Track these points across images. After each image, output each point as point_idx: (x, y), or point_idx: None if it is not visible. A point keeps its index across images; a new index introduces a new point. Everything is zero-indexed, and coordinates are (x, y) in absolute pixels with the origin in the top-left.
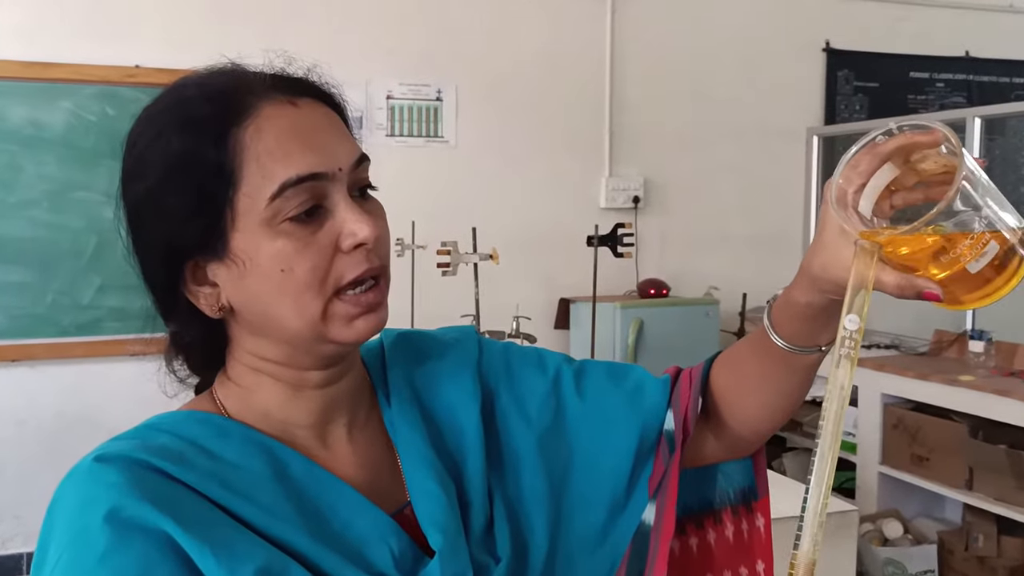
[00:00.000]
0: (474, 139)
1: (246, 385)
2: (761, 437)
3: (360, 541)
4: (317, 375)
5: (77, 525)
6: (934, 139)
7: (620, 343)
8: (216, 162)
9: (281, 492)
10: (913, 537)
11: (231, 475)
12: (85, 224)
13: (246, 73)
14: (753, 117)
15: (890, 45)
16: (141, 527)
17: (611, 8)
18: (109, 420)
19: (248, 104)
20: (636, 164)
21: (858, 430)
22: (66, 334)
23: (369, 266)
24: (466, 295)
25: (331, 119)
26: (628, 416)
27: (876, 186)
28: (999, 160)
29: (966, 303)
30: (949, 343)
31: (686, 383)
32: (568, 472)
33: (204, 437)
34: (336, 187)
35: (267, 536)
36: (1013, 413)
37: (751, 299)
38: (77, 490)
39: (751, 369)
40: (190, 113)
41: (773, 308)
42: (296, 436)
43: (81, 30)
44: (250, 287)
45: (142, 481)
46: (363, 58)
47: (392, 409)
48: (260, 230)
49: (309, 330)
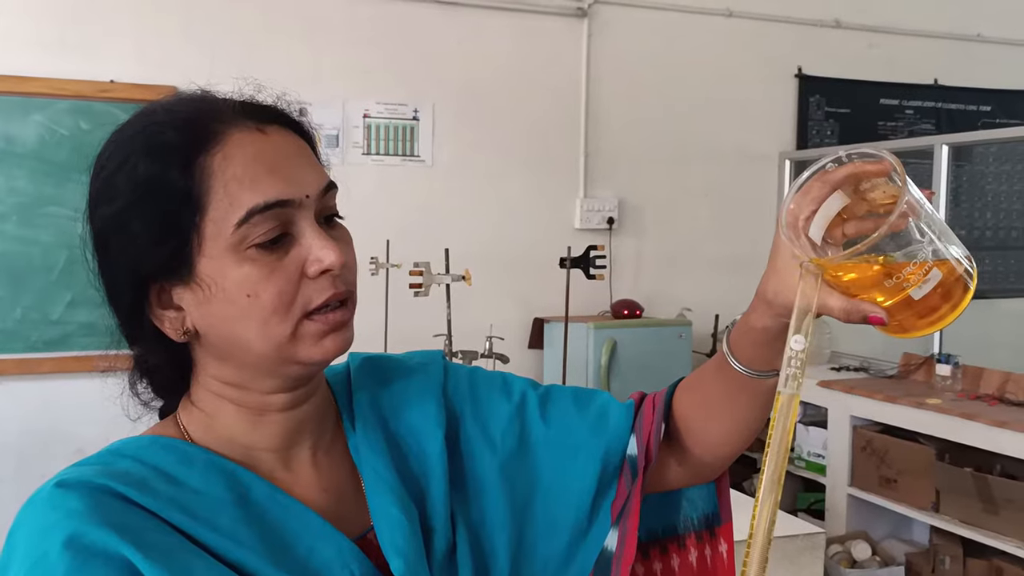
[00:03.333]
0: (450, 158)
1: (209, 411)
2: (724, 461)
3: (322, 566)
4: (281, 398)
5: (37, 551)
6: (882, 168)
7: (593, 363)
8: (183, 188)
9: (243, 518)
10: (881, 559)
11: (193, 501)
12: (56, 239)
13: (215, 100)
14: (727, 141)
15: (861, 72)
16: (102, 553)
17: (587, 32)
18: (78, 436)
19: (216, 131)
20: (611, 186)
21: (827, 452)
22: (35, 349)
23: (335, 291)
24: (440, 314)
25: (299, 147)
26: (592, 442)
27: (826, 214)
28: (966, 186)
29: (912, 330)
30: (917, 366)
31: (649, 408)
32: (531, 497)
33: (167, 463)
34: (303, 214)
35: (228, 562)
36: (979, 436)
37: (724, 320)
38: (37, 516)
39: (712, 394)
40: (158, 139)
41: (731, 334)
42: (260, 460)
43: (55, 44)
44: (216, 312)
45: (103, 507)
46: (340, 77)
47: (357, 434)
48: (226, 256)
49: (275, 353)
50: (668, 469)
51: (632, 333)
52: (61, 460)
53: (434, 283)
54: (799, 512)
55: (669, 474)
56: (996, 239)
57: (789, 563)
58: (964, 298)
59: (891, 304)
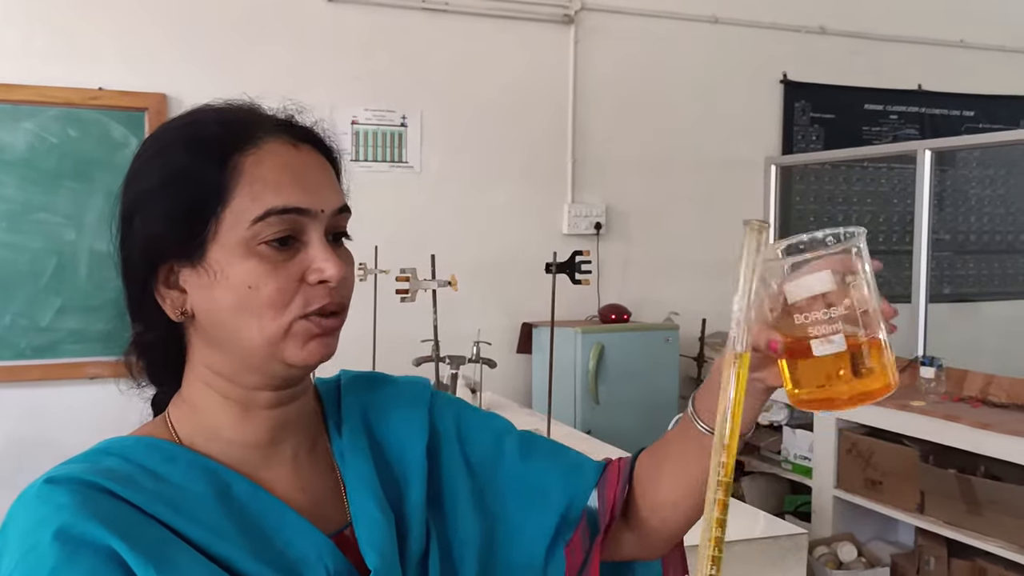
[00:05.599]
0: (438, 165)
1: (198, 404)
2: (672, 530)
3: (298, 560)
4: (266, 396)
5: (28, 543)
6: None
7: (581, 367)
8: (213, 179)
9: (223, 513)
10: (867, 560)
11: (176, 496)
12: (45, 245)
13: (260, 112)
14: (713, 146)
15: (846, 78)
16: (89, 544)
17: (574, 38)
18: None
19: (255, 136)
20: (598, 191)
21: (813, 454)
22: (23, 356)
23: (330, 300)
24: (428, 319)
25: (325, 168)
26: (559, 488)
27: (811, 285)
28: (950, 191)
29: (802, 390)
30: (901, 369)
31: (614, 469)
32: (495, 527)
33: (151, 461)
34: (315, 225)
35: (210, 555)
36: (962, 438)
37: (710, 325)
38: (28, 510)
39: (671, 453)
40: (201, 133)
41: (696, 395)
42: (242, 457)
43: (43, 52)
44: (216, 297)
45: (91, 501)
46: (328, 83)
47: (343, 438)
48: (237, 247)
49: (264, 347)
50: (620, 533)
51: (620, 337)
52: (49, 467)
53: (420, 288)
54: (786, 515)
55: (621, 539)
56: (980, 243)
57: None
58: (862, 383)
59: (791, 342)
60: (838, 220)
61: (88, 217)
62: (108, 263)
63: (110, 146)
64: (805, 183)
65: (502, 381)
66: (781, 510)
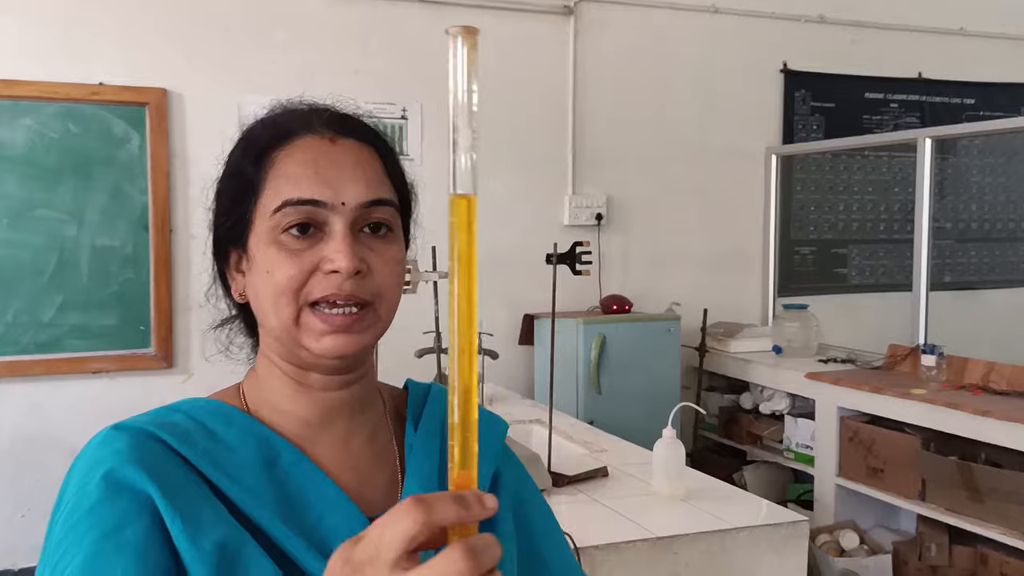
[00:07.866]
0: (439, 157)
1: (262, 376)
2: None
3: (329, 532)
4: (316, 377)
5: (82, 480)
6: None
7: (583, 358)
8: (250, 176)
9: (266, 479)
10: (869, 547)
11: (225, 457)
12: (46, 241)
13: (306, 110)
14: (713, 137)
15: (846, 66)
16: (129, 488)
17: (573, 30)
18: (69, 438)
19: (291, 133)
20: (599, 183)
21: (815, 443)
22: (26, 352)
23: (338, 291)
24: (430, 311)
25: (362, 161)
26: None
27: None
28: (951, 179)
29: None
30: (903, 357)
31: None
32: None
33: (213, 421)
34: (337, 218)
35: (243, 513)
36: (963, 426)
37: (712, 315)
38: (92, 451)
39: None
40: (252, 134)
41: None
42: (298, 431)
43: (44, 48)
44: (253, 283)
45: (143, 449)
46: (328, 77)
47: (417, 434)
48: (265, 236)
49: (285, 333)
50: None
51: (621, 328)
52: (53, 462)
53: (422, 280)
54: (789, 503)
55: None
56: (981, 231)
57: (775, 553)
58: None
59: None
60: (839, 209)
61: (89, 213)
62: (109, 258)
63: (111, 142)
64: (806, 172)
65: (504, 372)
66: (784, 499)
